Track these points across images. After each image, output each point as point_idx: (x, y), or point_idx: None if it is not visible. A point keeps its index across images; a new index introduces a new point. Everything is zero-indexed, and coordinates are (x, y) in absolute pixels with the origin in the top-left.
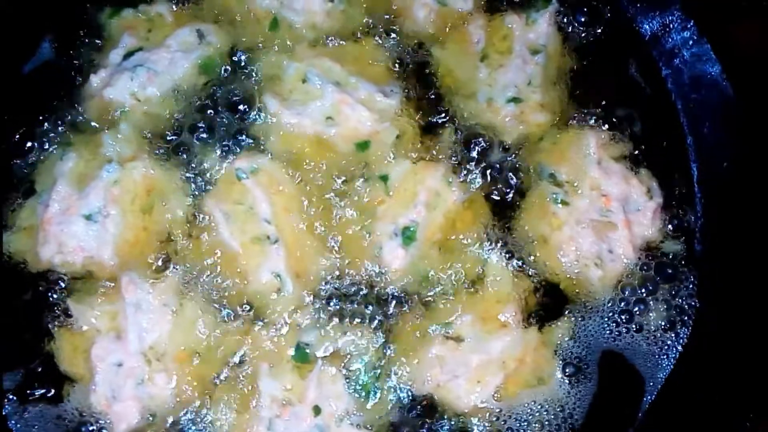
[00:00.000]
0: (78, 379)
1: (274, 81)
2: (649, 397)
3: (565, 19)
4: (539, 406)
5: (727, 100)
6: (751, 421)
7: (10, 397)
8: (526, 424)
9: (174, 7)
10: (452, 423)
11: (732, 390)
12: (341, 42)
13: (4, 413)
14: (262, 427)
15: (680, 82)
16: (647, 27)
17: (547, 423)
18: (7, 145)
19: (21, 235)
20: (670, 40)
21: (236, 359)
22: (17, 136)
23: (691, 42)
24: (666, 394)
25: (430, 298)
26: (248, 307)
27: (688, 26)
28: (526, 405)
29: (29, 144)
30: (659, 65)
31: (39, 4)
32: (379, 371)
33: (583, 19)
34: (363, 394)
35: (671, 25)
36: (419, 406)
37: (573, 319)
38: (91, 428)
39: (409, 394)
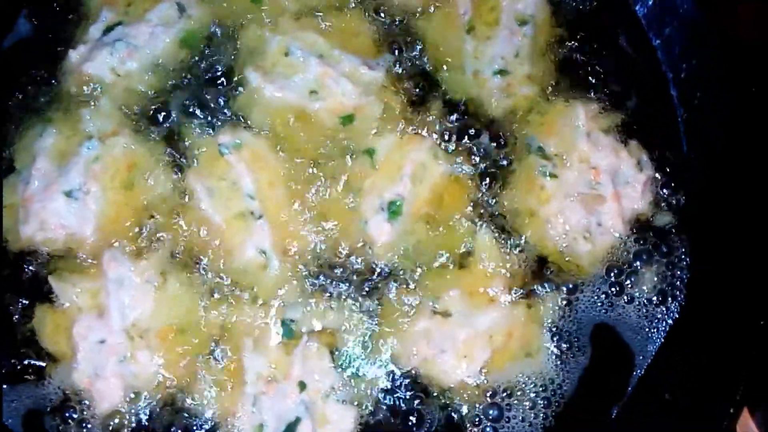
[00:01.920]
0: (60, 357)
1: (256, 54)
2: (638, 371)
3: None
4: (527, 381)
5: (718, 71)
6: (741, 395)
7: None
8: (514, 398)
9: None
10: (440, 398)
11: (721, 364)
12: (325, 14)
13: None
14: (247, 403)
15: (671, 52)
16: None
17: (535, 397)
18: None
19: (2, 213)
20: (661, 9)
21: (220, 336)
22: None
23: (681, 10)
24: (655, 368)
25: (417, 273)
26: (233, 284)
27: None
28: (514, 379)
29: (8, 121)
30: (650, 35)
31: None
32: (365, 346)
33: None
34: (349, 369)
35: None
36: (406, 381)
37: (562, 293)
38: (73, 406)
39: (396, 368)
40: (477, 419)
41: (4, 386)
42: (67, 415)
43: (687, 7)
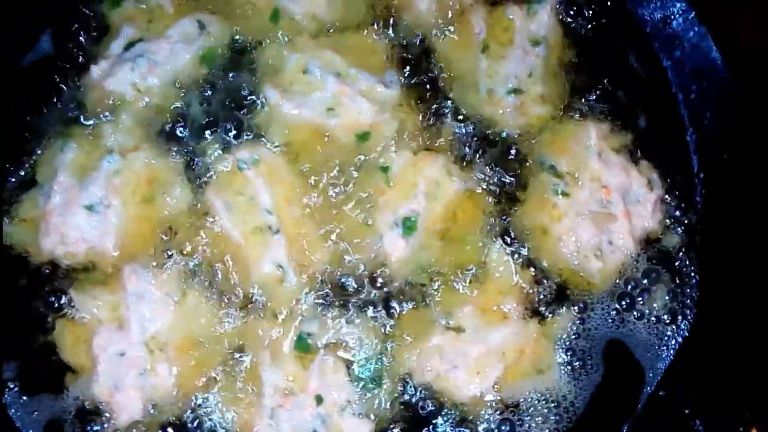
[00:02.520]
0: (80, 369)
1: (274, 72)
2: (649, 388)
3: (567, 11)
4: (539, 397)
5: (728, 92)
6: (749, 414)
7: (11, 386)
8: (526, 414)
9: None
10: (452, 413)
11: (730, 382)
12: (342, 33)
13: (4, 402)
14: (264, 416)
15: (681, 73)
16: (648, 18)
17: (547, 413)
18: (8, 138)
19: (23, 227)
20: (672, 31)
21: (238, 349)
22: (18, 128)
23: (692, 33)
24: (665, 386)
25: (430, 289)
26: (251, 297)
27: (690, 17)
28: (526, 396)
29: (30, 136)
30: (660, 57)
31: None
32: (380, 361)
33: (584, 11)
34: (364, 383)
35: (673, 16)
36: (420, 396)
37: (573, 310)
38: (93, 418)
39: (410, 383)
40: None
41: (25, 397)
42: (86, 426)
43: (696, 31)
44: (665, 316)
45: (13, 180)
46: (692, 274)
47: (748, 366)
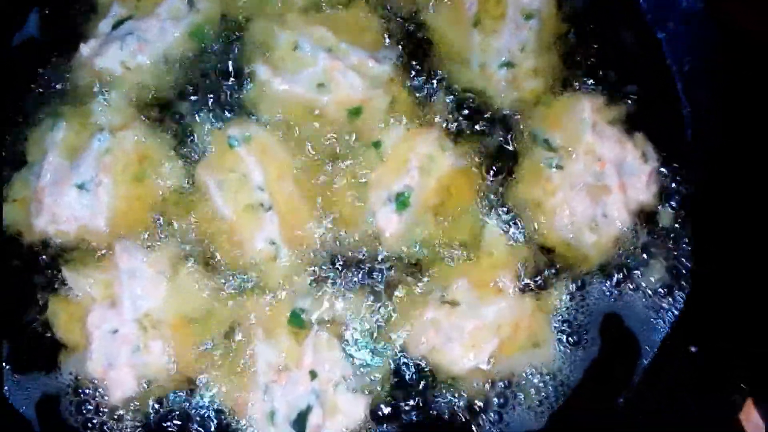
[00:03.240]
0: (73, 346)
1: (265, 48)
2: (644, 361)
3: None
4: (534, 371)
5: (722, 64)
6: (745, 386)
7: (5, 365)
8: (521, 387)
9: None
10: (447, 386)
11: (726, 355)
12: (333, 8)
13: None
14: (258, 392)
15: (675, 45)
16: None
17: (542, 387)
18: None
19: (15, 207)
20: (665, 2)
21: (232, 326)
22: (7, 108)
23: (685, 4)
24: (661, 358)
25: (425, 263)
26: (243, 274)
27: None
28: (521, 369)
29: (20, 115)
30: (654, 29)
31: None
32: (375, 336)
33: None
34: (359, 358)
35: None
36: (415, 370)
37: (568, 283)
38: (87, 395)
39: (405, 358)
40: (484, 407)
41: (18, 375)
42: (80, 403)
43: (690, 2)
44: (661, 289)
45: (4, 160)
46: (687, 247)
47: (744, 339)
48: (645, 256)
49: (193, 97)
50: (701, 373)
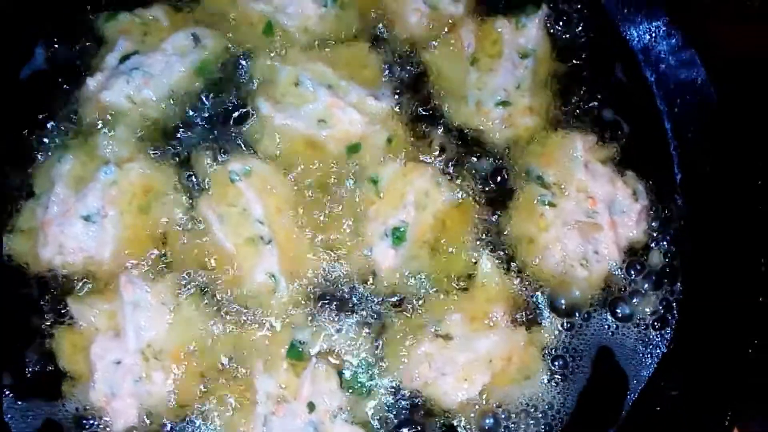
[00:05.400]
0: (77, 377)
1: (267, 84)
2: (632, 395)
3: (555, 24)
4: (525, 404)
5: (711, 107)
6: (729, 421)
7: (7, 393)
8: (513, 421)
9: (170, 10)
10: (441, 420)
11: (712, 391)
12: (334, 46)
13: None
14: (257, 423)
15: (666, 87)
16: (634, 33)
17: (533, 420)
18: (5, 149)
19: (21, 237)
20: (657, 46)
21: (232, 357)
22: (15, 140)
23: (677, 48)
24: (649, 392)
25: (420, 297)
26: (244, 306)
27: (674, 33)
28: (513, 402)
29: (27, 147)
30: (646, 71)
31: (36, 8)
32: (371, 368)
33: (571, 24)
34: (356, 391)
35: (658, 32)
36: (409, 403)
37: (560, 318)
38: (90, 424)
39: (400, 390)
40: None
41: (22, 403)
42: None
43: (680, 46)
44: (650, 324)
45: (11, 191)
46: (676, 284)
47: (730, 372)
48: (634, 291)
49: (196, 131)
50: (687, 406)
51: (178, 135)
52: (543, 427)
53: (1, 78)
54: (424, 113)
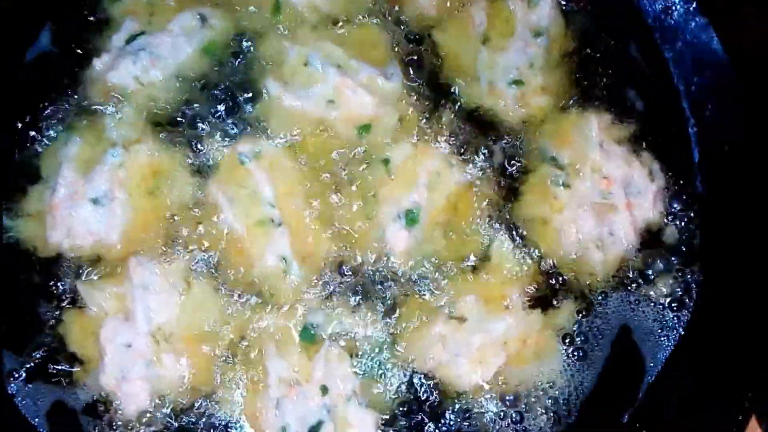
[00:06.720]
0: (87, 360)
1: (276, 64)
2: (649, 378)
3: (568, 2)
4: (541, 386)
5: (729, 84)
6: (749, 402)
7: (16, 375)
8: (527, 403)
9: None
10: (455, 402)
11: (730, 371)
12: (343, 25)
13: (11, 392)
14: (270, 407)
15: (682, 65)
16: (650, 9)
17: (548, 402)
18: (12, 132)
19: (29, 221)
20: (673, 22)
21: (244, 340)
22: (21, 123)
23: (693, 25)
24: (666, 375)
25: (434, 279)
26: (255, 289)
27: (691, 9)
28: (527, 385)
29: (33, 130)
30: (662, 48)
31: None
32: (384, 351)
33: (585, 2)
34: (369, 373)
35: (674, 7)
36: (424, 386)
37: (575, 300)
38: (100, 408)
39: (414, 372)
40: (491, 423)
41: (31, 386)
42: (94, 416)
43: (697, 22)
44: (667, 306)
45: (18, 175)
46: (694, 265)
47: (748, 355)
48: (651, 273)
49: (204, 113)
50: (705, 390)
51: (186, 116)
52: (559, 409)
53: (6, 60)
54: (435, 93)
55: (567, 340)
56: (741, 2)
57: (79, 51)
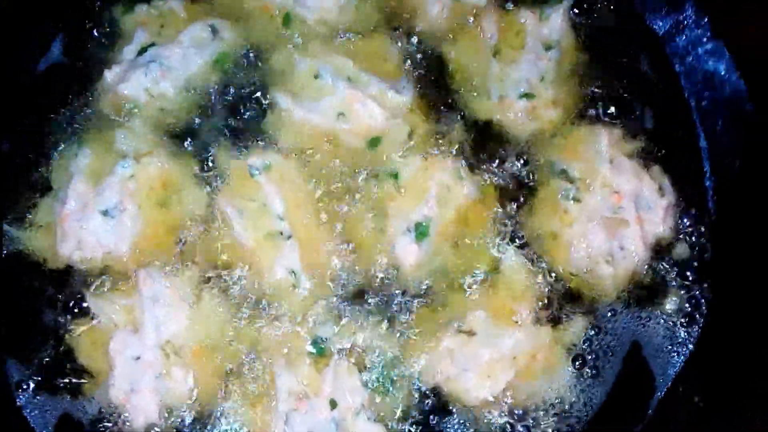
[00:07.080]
0: (96, 372)
1: (286, 77)
2: (659, 394)
3: (579, 15)
4: (550, 402)
5: (740, 98)
6: (759, 421)
7: (25, 387)
8: (536, 419)
9: (187, 2)
10: (464, 417)
11: (741, 389)
12: (353, 38)
13: (20, 403)
14: (278, 420)
15: (693, 79)
16: (660, 24)
17: (557, 418)
18: (23, 143)
19: (39, 233)
20: (684, 37)
21: (253, 353)
22: (32, 134)
23: (704, 39)
24: (675, 391)
25: (443, 293)
26: (264, 302)
27: (702, 24)
28: (537, 400)
29: (44, 141)
30: (672, 62)
31: (52, 1)
32: (393, 365)
33: (596, 16)
34: (377, 387)
35: (684, 23)
36: (432, 401)
37: (585, 315)
38: (109, 421)
39: (422, 386)
40: None
41: (40, 398)
42: (102, 428)
43: (708, 37)
44: (676, 322)
45: (28, 186)
46: (704, 281)
47: (757, 373)
48: (662, 289)
49: (214, 125)
50: (714, 408)
51: (196, 128)
52: (568, 425)
53: (18, 71)
54: (445, 106)
55: (576, 356)
56: (752, 17)
57: (90, 62)
